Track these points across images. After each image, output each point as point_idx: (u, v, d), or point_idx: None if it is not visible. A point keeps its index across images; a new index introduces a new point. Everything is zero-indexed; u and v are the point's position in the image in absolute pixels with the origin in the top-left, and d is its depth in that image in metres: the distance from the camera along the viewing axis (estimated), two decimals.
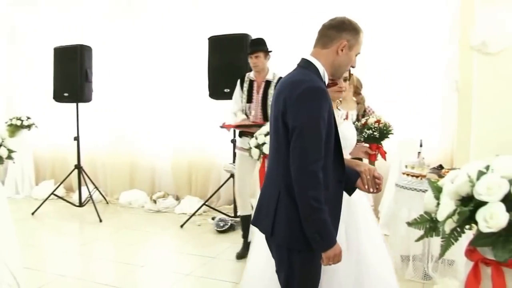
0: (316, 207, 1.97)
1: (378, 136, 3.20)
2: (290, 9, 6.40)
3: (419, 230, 1.62)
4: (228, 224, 5.63)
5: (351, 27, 2.19)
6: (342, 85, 2.68)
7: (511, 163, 1.47)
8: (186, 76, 6.87)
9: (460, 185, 1.45)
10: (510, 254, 1.37)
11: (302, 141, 2.00)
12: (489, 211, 1.37)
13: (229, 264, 4.64)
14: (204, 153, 6.94)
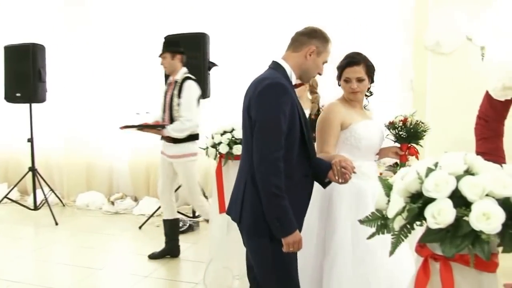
0: (277, 194, 2.12)
1: (406, 136, 3.01)
2: (249, 8, 6.39)
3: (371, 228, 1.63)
4: (186, 225, 5.60)
5: (321, 35, 2.43)
6: (354, 86, 2.82)
7: (458, 160, 1.49)
8: (143, 75, 6.78)
9: (410, 182, 1.47)
10: (457, 249, 1.39)
11: (263, 132, 2.18)
12: (437, 207, 1.39)
13: (188, 264, 4.62)
14: None
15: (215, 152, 3.60)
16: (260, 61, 6.24)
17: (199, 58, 5.60)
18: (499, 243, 1.43)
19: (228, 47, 6.34)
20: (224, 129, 3.65)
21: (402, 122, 3.00)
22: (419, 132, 3.01)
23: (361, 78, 2.84)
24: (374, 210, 1.90)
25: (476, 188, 1.39)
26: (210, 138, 3.66)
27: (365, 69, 2.85)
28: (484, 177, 1.42)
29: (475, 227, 1.34)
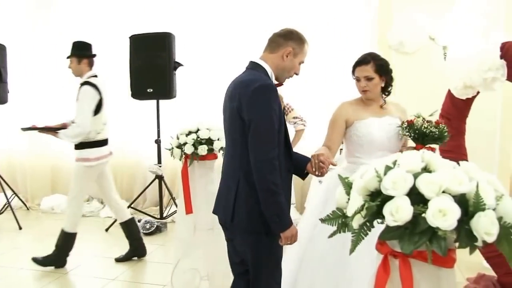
0: (275, 191, 2.23)
1: (417, 136, 2.95)
2: (215, 8, 6.38)
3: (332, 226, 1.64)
4: (154, 226, 5.55)
5: (297, 37, 2.52)
6: (363, 85, 2.96)
7: (416, 158, 1.51)
8: (107, 75, 6.68)
9: (368, 180, 1.49)
10: (415, 246, 1.41)
11: (259, 132, 2.27)
12: (395, 205, 1.40)
13: (156, 266, 4.58)
14: (128, 154, 6.82)
15: (181, 152, 3.57)
16: (226, 61, 6.31)
17: (164, 57, 5.57)
18: (455, 239, 1.46)
19: (193, 47, 6.32)
20: (190, 129, 3.62)
21: (408, 123, 2.99)
22: (428, 133, 2.94)
23: (370, 76, 2.95)
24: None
25: (433, 185, 1.41)
26: (175, 139, 3.63)
27: (374, 68, 2.94)
28: (441, 174, 1.44)
29: (432, 224, 1.36)
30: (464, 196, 1.44)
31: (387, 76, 3.02)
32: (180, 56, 5.84)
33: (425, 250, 1.43)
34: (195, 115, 5.90)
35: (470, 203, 1.42)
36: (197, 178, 3.65)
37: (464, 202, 1.43)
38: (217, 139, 3.60)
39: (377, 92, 3.03)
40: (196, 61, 6.29)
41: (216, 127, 3.71)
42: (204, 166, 3.65)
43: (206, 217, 3.67)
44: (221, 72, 6.32)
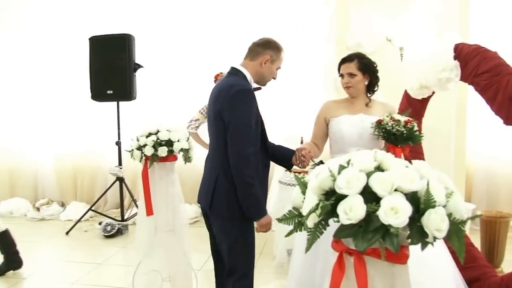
0: (251, 184, 2.54)
1: (387, 136, 2.96)
2: (175, 9, 6.36)
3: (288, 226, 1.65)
4: (115, 229, 5.49)
5: (274, 46, 2.83)
6: (345, 80, 3.09)
7: (369, 157, 1.55)
8: (67, 77, 6.60)
9: (323, 179, 1.51)
10: (369, 243, 1.43)
11: (238, 132, 2.57)
12: (349, 203, 1.43)
13: (117, 269, 4.55)
14: (89, 156, 6.73)
15: (141, 154, 3.54)
16: (186, 62, 6.29)
17: (124, 59, 5.54)
18: (408, 236, 1.49)
19: (154, 49, 6.29)
20: (149, 131, 3.59)
21: (377, 122, 3.02)
22: (396, 133, 2.95)
23: (352, 73, 3.08)
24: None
25: (385, 184, 1.44)
26: (135, 141, 3.59)
27: (358, 66, 3.08)
28: (393, 173, 1.47)
29: (384, 221, 1.39)
30: (415, 194, 1.48)
31: (371, 74, 3.13)
32: (140, 57, 5.79)
33: (379, 247, 1.46)
34: (155, 117, 5.87)
35: (421, 201, 1.46)
36: (157, 180, 3.63)
37: (415, 199, 1.47)
38: (177, 141, 3.59)
39: (360, 89, 3.12)
40: (156, 62, 6.27)
41: (176, 129, 3.69)
42: (164, 168, 3.63)
43: (167, 219, 3.67)
44: (181, 74, 6.32)
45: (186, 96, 6.24)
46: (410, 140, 3.02)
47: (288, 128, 5.65)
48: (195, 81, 6.24)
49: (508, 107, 3.53)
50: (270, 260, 4.59)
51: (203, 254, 4.79)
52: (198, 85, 6.16)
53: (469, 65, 3.90)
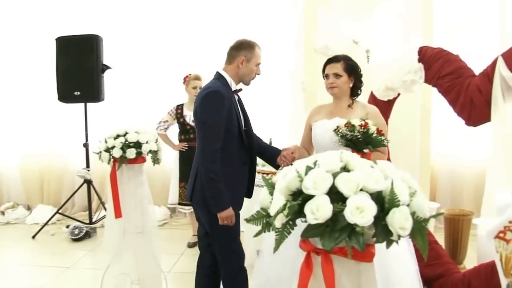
0: (213, 178, 2.74)
1: (346, 142, 2.84)
2: (142, 10, 6.32)
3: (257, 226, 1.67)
4: (83, 232, 5.42)
5: (247, 45, 2.98)
6: (330, 81, 3.11)
7: (335, 158, 1.58)
8: (33, 78, 6.48)
9: (290, 180, 1.54)
10: (335, 242, 1.46)
11: (203, 130, 2.85)
12: (315, 203, 1.46)
13: (85, 273, 4.49)
14: (55, 158, 6.62)
15: (109, 156, 3.51)
16: (154, 63, 6.26)
17: (92, 60, 5.49)
18: (373, 234, 1.53)
19: (122, 50, 6.24)
20: (118, 132, 3.57)
21: (334, 130, 2.93)
22: (351, 138, 2.84)
23: (338, 73, 3.09)
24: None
25: (351, 184, 1.47)
26: (103, 142, 3.56)
27: (344, 67, 3.09)
28: (358, 173, 1.51)
29: (350, 221, 1.42)
30: (380, 194, 1.52)
31: (356, 77, 3.15)
32: (108, 58, 5.74)
33: (345, 246, 1.49)
34: (124, 118, 5.83)
35: (386, 200, 1.50)
36: (126, 182, 3.60)
37: (380, 199, 1.51)
38: (146, 142, 3.57)
39: (345, 91, 3.14)
40: (124, 64, 6.21)
41: (144, 130, 3.67)
42: (133, 170, 3.60)
43: (136, 221, 3.64)
44: (150, 75, 6.28)
45: (155, 98, 6.22)
46: (369, 144, 2.86)
47: (256, 130, 5.67)
48: (164, 82, 6.22)
49: (470, 108, 3.64)
50: None
51: (173, 256, 4.80)
52: (167, 86, 6.15)
53: (432, 68, 3.99)
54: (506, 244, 1.93)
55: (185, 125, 5.18)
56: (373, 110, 3.20)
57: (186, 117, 5.16)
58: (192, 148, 5.04)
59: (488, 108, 3.68)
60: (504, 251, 1.94)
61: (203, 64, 6.01)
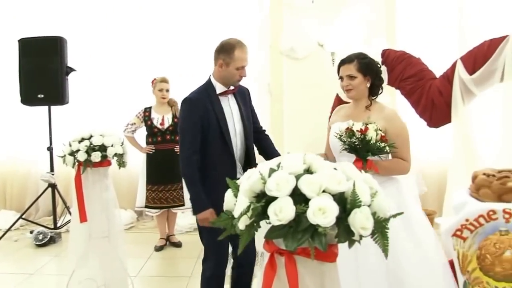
0: (189, 182, 2.91)
1: (348, 148, 2.71)
2: (107, 12, 6.25)
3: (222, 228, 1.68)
4: (47, 237, 5.33)
5: (225, 48, 2.99)
6: (344, 84, 2.90)
7: (298, 160, 1.60)
8: None
9: (253, 182, 1.55)
10: (298, 243, 1.48)
11: (179, 137, 3.03)
12: (279, 205, 1.47)
13: (50, 279, 4.41)
14: (19, 162, 6.49)
15: (73, 160, 3.47)
16: (120, 66, 6.19)
17: (56, 62, 5.41)
18: (336, 235, 1.56)
19: (86, 52, 6.16)
20: (82, 135, 3.53)
21: (338, 133, 2.81)
22: (349, 144, 2.72)
23: (352, 75, 2.86)
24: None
25: (313, 186, 1.49)
26: (68, 146, 3.52)
27: (358, 67, 2.85)
28: (321, 175, 1.53)
29: (313, 221, 1.44)
30: (343, 195, 1.55)
31: (373, 75, 2.90)
32: (72, 60, 5.65)
33: (308, 246, 1.51)
34: (90, 122, 5.75)
35: (348, 201, 1.53)
36: (91, 186, 3.56)
37: (343, 200, 1.54)
38: (111, 146, 3.54)
39: (362, 92, 2.90)
40: (90, 66, 6.13)
41: (110, 133, 3.64)
42: (98, 173, 3.58)
43: (101, 225, 3.61)
44: (116, 77, 6.22)
45: (122, 100, 6.15)
46: (369, 152, 2.67)
47: None
48: (131, 85, 6.16)
49: (431, 110, 3.73)
50: None
51: (140, 259, 4.76)
52: (135, 89, 6.09)
53: (395, 70, 4.09)
54: (463, 242, 1.99)
55: (152, 128, 5.13)
56: (390, 113, 2.93)
57: (154, 119, 5.12)
58: (159, 151, 5.11)
59: (449, 110, 3.79)
60: (461, 249, 2.00)
61: (170, 65, 6.00)
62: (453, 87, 3.74)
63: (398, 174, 2.88)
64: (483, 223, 1.96)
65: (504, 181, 2.02)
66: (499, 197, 2.02)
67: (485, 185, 2.08)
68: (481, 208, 1.98)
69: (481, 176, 2.13)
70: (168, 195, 5.15)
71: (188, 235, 5.68)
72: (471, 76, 3.69)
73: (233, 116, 3.07)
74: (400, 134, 2.82)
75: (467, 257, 1.98)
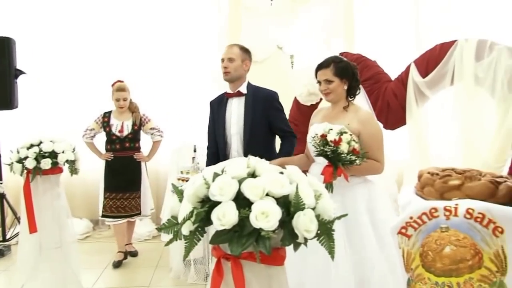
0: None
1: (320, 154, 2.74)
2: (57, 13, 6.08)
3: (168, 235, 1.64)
4: None
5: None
6: (322, 88, 2.99)
7: (242, 164, 1.59)
8: None
9: (197, 187, 1.52)
10: (243, 247, 1.46)
11: None
12: (222, 210, 1.45)
13: None
14: None
15: (22, 167, 3.36)
16: (71, 69, 6.01)
17: (4, 64, 5.20)
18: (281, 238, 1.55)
19: (36, 54, 5.97)
20: (31, 142, 3.42)
21: (314, 136, 2.85)
22: (322, 152, 2.74)
23: (329, 79, 2.95)
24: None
25: (256, 189, 1.48)
26: (15, 153, 3.40)
27: (334, 71, 2.93)
28: (264, 179, 1.52)
29: (256, 225, 1.42)
30: (287, 198, 1.54)
31: (349, 78, 2.98)
32: (21, 63, 5.47)
33: (254, 251, 1.49)
34: (40, 127, 5.58)
35: (292, 204, 1.51)
36: (41, 194, 3.45)
37: (287, 203, 1.53)
38: (62, 152, 3.44)
39: (339, 94, 2.99)
40: (40, 68, 5.94)
41: (60, 139, 3.54)
42: (49, 181, 3.47)
43: (53, 235, 3.51)
44: (68, 81, 6.05)
45: (76, 105, 5.97)
46: (339, 162, 2.71)
47: (180, 136, 5.62)
48: (86, 88, 6.01)
49: (387, 113, 3.78)
50: (167, 273, 4.50)
51: (95, 270, 4.62)
52: (89, 93, 5.95)
53: None
54: (408, 239, 2.02)
55: (111, 135, 4.84)
56: (364, 115, 3.00)
57: (113, 126, 4.83)
58: (117, 159, 4.85)
59: (403, 112, 3.86)
60: (405, 247, 2.03)
61: (127, 67, 5.87)
62: (407, 89, 3.81)
63: (371, 174, 2.97)
64: (426, 220, 1.99)
65: (445, 179, 2.07)
66: (441, 195, 2.07)
67: (428, 183, 2.13)
68: (424, 206, 2.02)
69: (425, 174, 2.17)
70: (126, 203, 4.88)
71: (146, 243, 5.57)
72: (424, 79, 3.76)
73: (231, 119, 3.30)
74: (373, 136, 2.91)
75: (411, 255, 2.01)
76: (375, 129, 2.97)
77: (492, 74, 3.43)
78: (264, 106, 3.40)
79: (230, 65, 3.47)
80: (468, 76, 3.54)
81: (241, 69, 3.49)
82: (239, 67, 3.48)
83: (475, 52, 3.53)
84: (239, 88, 3.46)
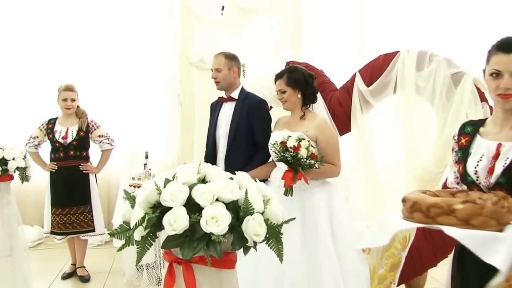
0: None
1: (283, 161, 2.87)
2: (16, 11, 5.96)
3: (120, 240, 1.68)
4: None
5: None
6: (279, 97, 3.25)
7: (192, 170, 1.65)
8: None
9: (149, 193, 1.57)
10: (194, 252, 1.52)
11: None
12: (173, 215, 1.51)
13: None
14: None
15: None
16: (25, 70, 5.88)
17: None
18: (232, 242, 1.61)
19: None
20: None
21: (274, 144, 2.97)
22: (282, 157, 2.87)
23: (282, 90, 3.18)
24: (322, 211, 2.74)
25: (207, 195, 1.54)
26: None
27: (286, 81, 3.13)
28: (214, 184, 1.59)
29: (206, 230, 1.49)
30: (236, 203, 1.61)
31: (302, 88, 3.17)
32: None
33: (204, 255, 1.55)
34: None
35: (241, 209, 1.59)
36: None
37: (236, 208, 1.60)
38: (12, 159, 3.40)
39: (294, 103, 3.20)
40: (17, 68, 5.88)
41: (11, 146, 3.50)
42: (7, 187, 3.42)
43: (3, 243, 3.46)
44: (16, 87, 5.94)
45: (24, 111, 5.88)
46: (300, 167, 2.86)
47: (133, 143, 5.60)
48: (34, 94, 5.90)
49: (332, 120, 3.90)
50: (120, 278, 4.49)
51: (47, 277, 4.55)
52: (37, 98, 5.85)
53: None
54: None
55: (54, 142, 4.49)
56: (321, 122, 3.17)
57: (56, 133, 4.49)
58: (62, 169, 4.51)
59: (348, 120, 4.00)
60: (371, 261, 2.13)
61: (77, 73, 5.80)
62: (352, 98, 3.96)
63: (329, 177, 3.15)
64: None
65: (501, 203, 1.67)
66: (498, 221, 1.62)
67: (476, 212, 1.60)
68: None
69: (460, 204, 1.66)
70: (74, 219, 4.47)
71: (99, 249, 5.54)
72: (368, 87, 3.91)
73: (221, 122, 3.49)
74: (329, 141, 3.11)
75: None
76: (331, 135, 3.18)
77: (431, 84, 3.61)
78: (250, 113, 3.49)
79: (218, 75, 3.60)
80: (409, 85, 3.71)
81: (229, 76, 3.60)
82: (227, 75, 3.59)
83: (416, 63, 3.70)
84: (231, 94, 3.61)
